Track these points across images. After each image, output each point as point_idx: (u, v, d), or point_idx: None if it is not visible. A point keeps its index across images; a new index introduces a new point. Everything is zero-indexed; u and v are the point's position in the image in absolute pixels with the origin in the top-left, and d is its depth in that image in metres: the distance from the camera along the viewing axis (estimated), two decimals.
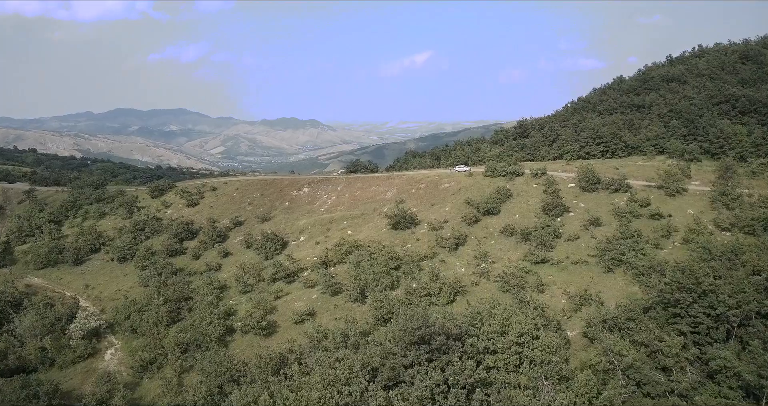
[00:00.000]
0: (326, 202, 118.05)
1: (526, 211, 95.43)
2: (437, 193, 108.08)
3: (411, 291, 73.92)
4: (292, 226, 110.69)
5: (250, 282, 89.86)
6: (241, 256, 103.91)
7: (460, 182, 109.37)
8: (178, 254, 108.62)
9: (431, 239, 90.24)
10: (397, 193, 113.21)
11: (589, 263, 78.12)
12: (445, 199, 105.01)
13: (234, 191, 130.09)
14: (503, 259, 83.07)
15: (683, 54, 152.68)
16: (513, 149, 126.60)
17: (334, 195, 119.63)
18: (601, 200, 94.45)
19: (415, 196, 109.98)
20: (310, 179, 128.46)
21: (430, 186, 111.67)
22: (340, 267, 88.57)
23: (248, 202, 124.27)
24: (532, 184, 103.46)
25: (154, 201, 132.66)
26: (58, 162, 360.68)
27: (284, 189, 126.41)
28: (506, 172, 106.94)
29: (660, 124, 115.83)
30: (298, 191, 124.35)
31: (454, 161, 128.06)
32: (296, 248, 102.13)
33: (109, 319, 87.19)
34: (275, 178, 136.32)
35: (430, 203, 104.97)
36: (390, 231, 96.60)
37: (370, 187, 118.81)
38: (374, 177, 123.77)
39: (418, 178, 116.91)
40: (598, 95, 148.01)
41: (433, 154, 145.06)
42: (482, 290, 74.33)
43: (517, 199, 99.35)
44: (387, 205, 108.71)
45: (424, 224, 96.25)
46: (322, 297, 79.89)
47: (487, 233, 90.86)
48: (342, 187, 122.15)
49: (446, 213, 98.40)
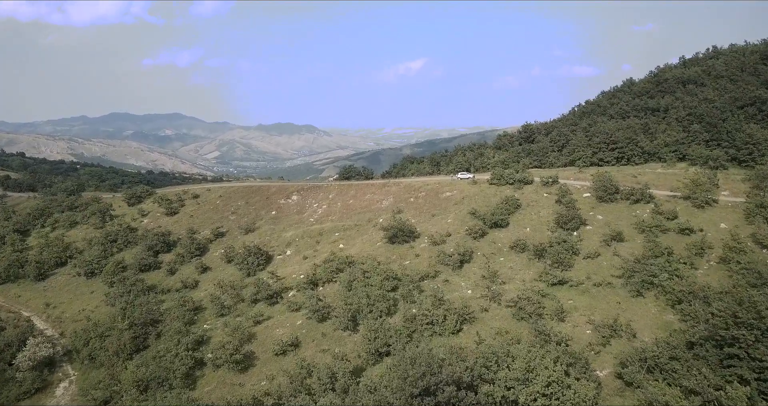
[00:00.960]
0: (316, 211, 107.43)
1: (538, 223, 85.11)
2: (438, 203, 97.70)
3: (410, 318, 63.30)
4: (279, 238, 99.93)
5: (227, 303, 78.99)
6: (220, 271, 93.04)
7: (463, 191, 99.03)
8: (151, 268, 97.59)
9: (432, 255, 79.70)
10: (393, 202, 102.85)
11: (614, 286, 67.74)
12: (446, 209, 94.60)
13: (217, 199, 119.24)
14: (515, 279, 72.58)
15: (696, 55, 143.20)
16: (519, 155, 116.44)
17: (325, 204, 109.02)
18: (621, 212, 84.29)
19: (413, 205, 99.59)
20: (300, 186, 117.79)
21: (430, 195, 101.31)
22: (329, 287, 77.82)
23: (232, 210, 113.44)
24: (543, 193, 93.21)
25: (130, 209, 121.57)
26: (46, 166, 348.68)
27: (271, 197, 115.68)
28: (514, 180, 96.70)
29: (679, 129, 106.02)
30: (286, 199, 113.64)
31: (456, 168, 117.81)
32: (281, 264, 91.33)
33: (68, 344, 76.12)
34: (262, 184, 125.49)
35: (430, 214, 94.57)
36: (386, 245, 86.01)
37: (364, 196, 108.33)
38: (369, 184, 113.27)
39: (417, 185, 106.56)
40: (607, 98, 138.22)
41: (432, 160, 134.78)
42: (493, 318, 63.75)
43: (527, 210, 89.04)
44: (383, 215, 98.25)
45: (424, 238, 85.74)
46: (307, 323, 69.05)
47: (495, 248, 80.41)
48: (334, 194, 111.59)
49: (448, 225, 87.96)
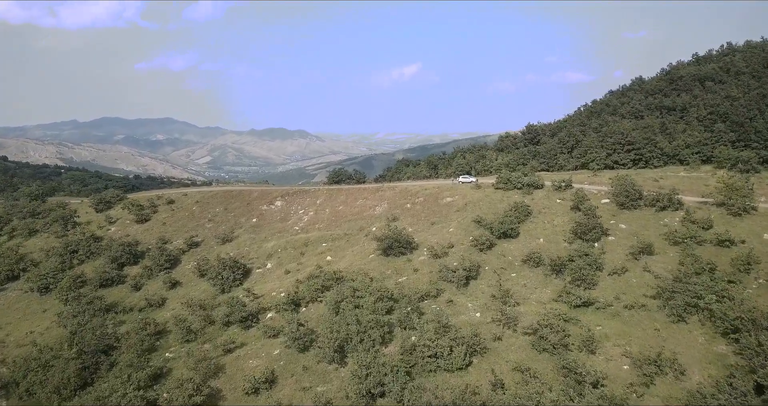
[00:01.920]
0: (302, 218, 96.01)
1: (552, 233, 74.33)
2: (438, 210, 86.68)
3: (409, 349, 52.11)
4: (259, 249, 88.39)
5: (195, 326, 67.27)
6: (192, 287, 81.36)
7: (466, 196, 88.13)
8: (114, 283, 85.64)
9: (433, 270, 68.59)
10: (388, 208, 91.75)
11: (649, 308, 56.90)
12: (447, 216, 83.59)
13: (193, 205, 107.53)
14: (530, 300, 61.57)
15: (710, 53, 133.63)
16: (524, 157, 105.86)
17: (311, 210, 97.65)
18: (647, 220, 73.75)
19: (410, 212, 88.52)
20: (284, 191, 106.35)
21: (429, 200, 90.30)
22: (313, 308, 66.39)
23: (208, 218, 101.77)
24: (556, 199, 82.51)
25: (97, 216, 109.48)
26: (28, 170, 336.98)
27: (252, 202, 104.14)
28: (522, 184, 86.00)
29: (700, 129, 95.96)
30: (269, 205, 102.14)
31: (456, 171, 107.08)
32: (260, 279, 79.79)
33: (6, 375, 64.03)
34: (243, 189, 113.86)
35: (429, 222, 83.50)
36: (380, 258, 74.80)
37: (355, 201, 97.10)
38: (361, 189, 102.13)
39: (414, 190, 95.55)
40: (617, 97, 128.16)
41: (430, 163, 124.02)
42: (508, 348, 52.65)
43: (539, 218, 78.26)
44: (376, 223, 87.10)
45: (423, 249, 74.62)
46: (286, 353, 57.53)
47: (505, 262, 69.42)
48: (322, 200, 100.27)
49: (450, 235, 76.92)
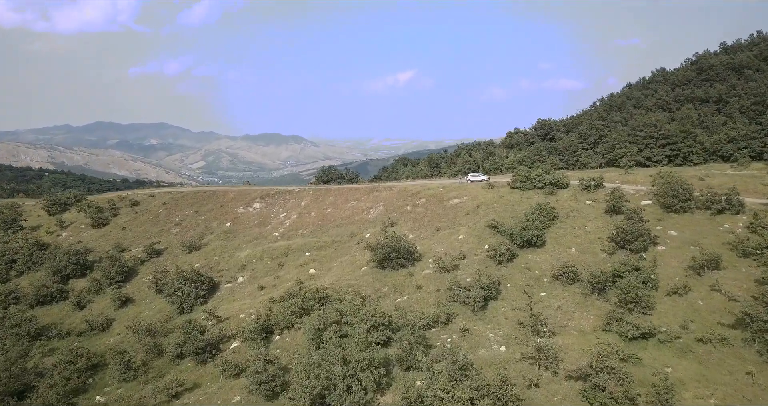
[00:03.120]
0: (283, 223, 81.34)
1: (586, 242, 60.11)
2: (444, 213, 72.32)
3: (415, 401, 37.47)
4: (230, 259, 73.63)
5: (138, 358, 52.47)
6: (146, 305, 66.49)
7: (477, 197, 73.85)
8: (54, 300, 70.60)
9: (441, 287, 54.17)
10: (384, 211, 77.35)
11: (730, 342, 42.60)
12: (456, 221, 69.23)
13: (160, 207, 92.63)
14: (569, 328, 47.19)
15: (738, 42, 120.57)
16: (540, 154, 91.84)
17: (294, 213, 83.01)
18: (702, 226, 59.67)
19: (410, 216, 74.11)
20: (264, 191, 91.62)
21: (433, 202, 75.94)
22: (290, 336, 51.70)
23: (176, 222, 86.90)
24: (585, 200, 68.43)
25: (49, 219, 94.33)
26: (10, 173, 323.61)
27: (227, 205, 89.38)
28: (544, 182, 71.91)
29: (745, 121, 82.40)
30: (246, 208, 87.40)
31: (463, 168, 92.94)
32: (229, 296, 65.02)
33: None
34: (217, 189, 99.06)
35: (433, 227, 69.09)
36: (374, 271, 60.26)
37: (346, 203, 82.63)
38: (353, 189, 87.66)
39: (415, 190, 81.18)
40: (638, 89, 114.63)
41: (431, 161, 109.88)
42: (550, 400, 38.07)
43: (568, 223, 64.07)
44: (370, 229, 72.66)
45: (428, 261, 60.21)
46: (249, 401, 42.76)
47: (531, 277, 55.06)
48: (307, 202, 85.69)
49: (461, 243, 62.52)
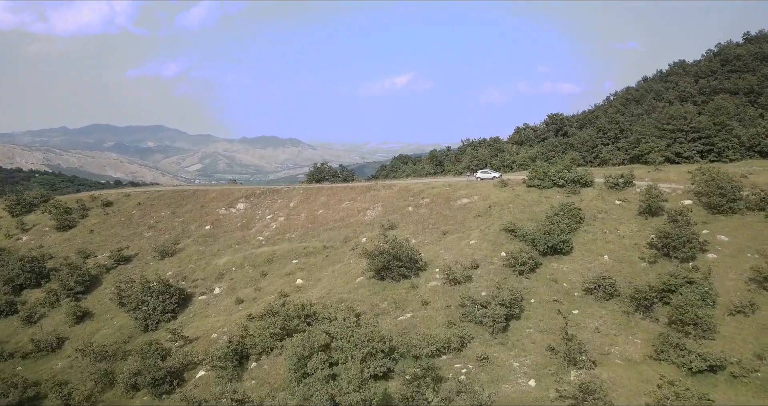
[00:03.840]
0: (269, 225, 71.86)
1: (621, 248, 50.89)
2: (451, 215, 62.96)
3: None
4: (207, 266, 64.09)
5: (83, 390, 42.95)
6: (105, 321, 56.91)
7: (489, 196, 64.53)
8: (2, 313, 60.99)
9: (452, 303, 44.83)
10: (383, 212, 68.00)
11: None
12: (465, 224, 59.88)
13: (134, 208, 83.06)
14: (612, 355, 37.87)
15: (761, 32, 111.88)
16: (554, 149, 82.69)
17: (282, 215, 73.53)
18: (757, 230, 50.54)
19: (413, 218, 64.73)
20: (249, 191, 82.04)
21: (438, 202, 66.59)
22: (269, 363, 42.20)
23: (150, 224, 77.34)
24: (614, 200, 59.26)
25: (11, 221, 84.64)
26: None
27: (208, 205, 79.86)
28: (565, 180, 62.70)
29: None
30: (229, 209, 77.90)
31: (471, 165, 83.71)
32: (202, 310, 55.48)
33: None
34: (198, 188, 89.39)
35: (439, 231, 59.70)
36: (372, 282, 50.86)
37: (340, 204, 73.25)
38: (348, 188, 78.25)
39: (417, 189, 71.84)
40: (656, 82, 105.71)
41: (433, 159, 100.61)
42: None
43: (596, 226, 54.84)
44: (367, 232, 63.28)
45: (435, 270, 50.84)
46: None
47: (559, 291, 45.74)
48: (297, 202, 76.24)
49: (472, 249, 53.19)
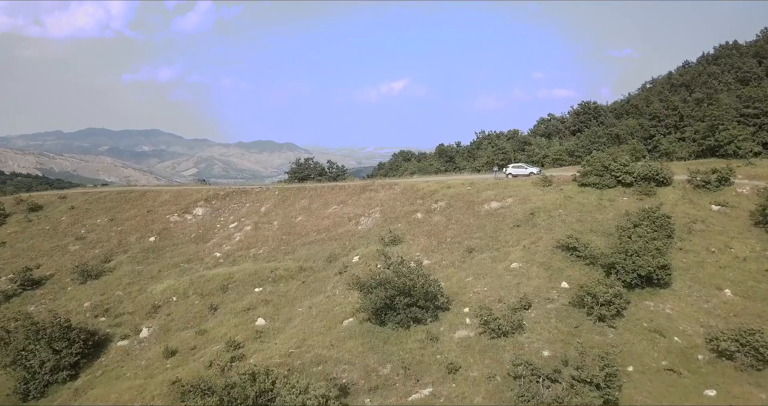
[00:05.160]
0: (231, 237, 53.66)
1: (744, 275, 33.25)
2: (477, 223, 44.98)
3: None
4: (140, 294, 45.86)
5: None
6: None
7: (528, 198, 46.68)
8: None
9: (496, 370, 26.95)
10: (382, 220, 49.94)
11: None
12: (498, 236, 41.97)
13: (65, 213, 64.80)
14: None
15: None
16: (598, 140, 65.19)
17: (250, 223, 55.35)
18: None
19: (423, 227, 46.70)
20: (212, 192, 63.74)
21: (457, 206, 48.61)
22: None
23: (79, 234, 59.08)
24: (708, 204, 41.70)
25: None
26: None
27: (157, 210, 61.65)
28: (634, 176, 45.08)
29: None
30: (183, 215, 59.68)
31: (495, 159, 66.01)
32: (118, 364, 37.24)
33: None
34: (149, 189, 70.94)
35: (463, 248, 41.69)
36: (366, 329, 32.92)
37: (325, 208, 55.23)
38: (336, 188, 60.14)
39: (427, 189, 53.86)
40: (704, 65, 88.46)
41: (442, 154, 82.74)
42: None
43: (694, 241, 37.18)
44: (360, 248, 45.25)
45: (461, 310, 32.97)
46: None
47: (668, 351, 27.86)
48: (270, 206, 58.13)
49: (516, 276, 35.34)
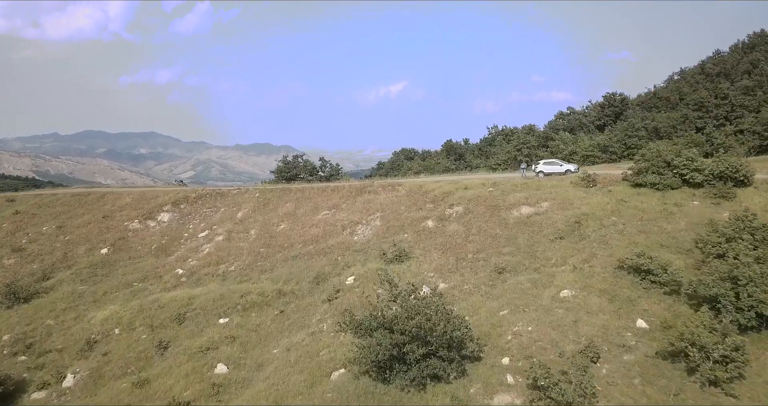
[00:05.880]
0: (199, 249, 43.53)
1: None
2: (507, 234, 34.95)
3: None
4: (76, 324, 35.78)
5: None
6: None
7: (569, 202, 36.69)
8: None
9: None
10: (384, 229, 39.84)
11: None
12: (536, 251, 31.99)
13: (7, 219, 54.54)
14: None
15: None
16: (636, 133, 55.34)
17: (222, 232, 45.23)
18: None
19: (436, 239, 36.61)
20: (182, 194, 53.50)
21: (478, 211, 38.54)
22: None
23: (18, 245, 48.92)
24: None
25: None
26: None
27: (114, 215, 51.49)
28: (706, 174, 35.16)
29: None
30: (145, 221, 49.55)
31: (521, 155, 56.31)
32: None
33: None
34: (108, 191, 60.41)
35: (491, 267, 31.67)
36: (364, 387, 22.89)
37: (314, 214, 45.11)
38: (328, 189, 49.99)
39: (439, 191, 43.77)
40: (737, 57, 78.75)
41: (451, 151, 72.78)
42: None
43: None
44: (356, 266, 35.16)
45: (498, 359, 22.96)
46: None
47: None
48: (247, 211, 48.06)
49: (570, 310, 25.35)
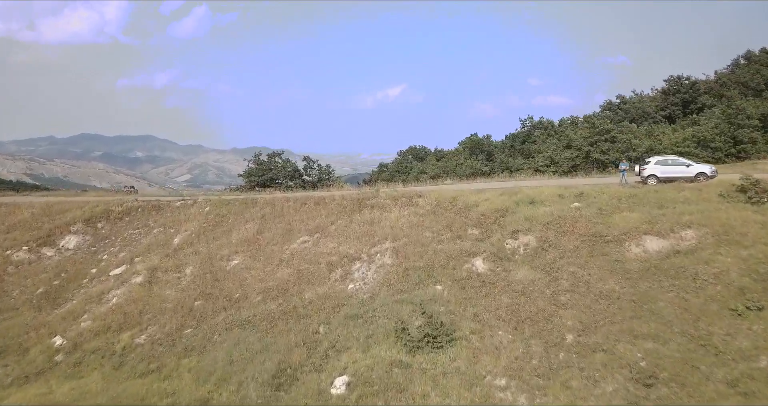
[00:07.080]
0: (105, 297, 27.15)
1: None
2: (626, 292, 18.78)
3: None
4: None
5: None
6: None
7: (732, 228, 20.49)
8: None
9: None
10: (398, 270, 23.37)
11: None
12: (710, 337, 15.87)
13: None
14: None
15: None
16: (744, 122, 39.30)
17: (143, 269, 28.77)
18: None
19: (495, 299, 20.23)
20: (102, 208, 36.95)
21: (563, 243, 22.20)
22: None
23: None
24: None
25: None
26: None
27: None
28: None
29: None
30: (40, 248, 33.22)
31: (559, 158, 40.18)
32: None
33: None
34: (6, 202, 44.25)
35: (625, 367, 15.55)
36: None
37: (287, 242, 28.59)
38: (311, 201, 33.49)
39: (486, 206, 27.27)
40: None
41: (475, 148, 56.32)
42: None
43: None
44: (351, 350, 18.79)
45: None
46: None
47: None
48: (191, 234, 31.65)
49: None
